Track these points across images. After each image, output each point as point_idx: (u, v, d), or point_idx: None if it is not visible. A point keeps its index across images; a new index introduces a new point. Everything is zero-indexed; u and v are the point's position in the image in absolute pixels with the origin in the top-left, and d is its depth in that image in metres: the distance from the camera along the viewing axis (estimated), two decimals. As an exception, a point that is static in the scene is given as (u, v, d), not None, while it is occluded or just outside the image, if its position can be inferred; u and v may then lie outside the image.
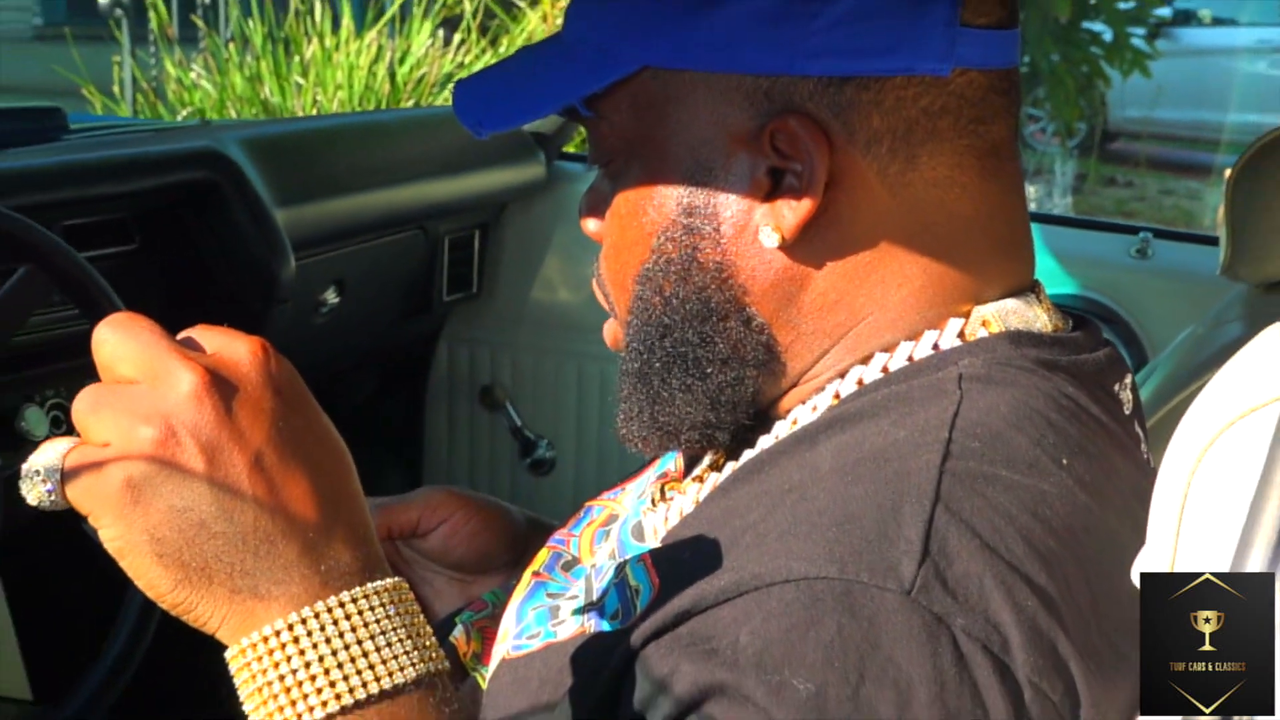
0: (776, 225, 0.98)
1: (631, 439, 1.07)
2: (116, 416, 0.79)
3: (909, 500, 0.89)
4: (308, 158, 2.39)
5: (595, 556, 1.14)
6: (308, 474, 0.82)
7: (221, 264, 2.15)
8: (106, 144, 2.19)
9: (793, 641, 0.85)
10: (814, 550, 0.88)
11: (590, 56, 1.03)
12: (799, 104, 0.97)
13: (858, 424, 0.98)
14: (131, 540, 0.79)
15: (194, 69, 6.35)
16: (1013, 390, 0.97)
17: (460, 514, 1.28)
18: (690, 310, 1.02)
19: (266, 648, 0.80)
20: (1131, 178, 10.26)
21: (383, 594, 0.82)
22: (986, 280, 1.03)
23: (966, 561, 0.87)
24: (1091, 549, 0.93)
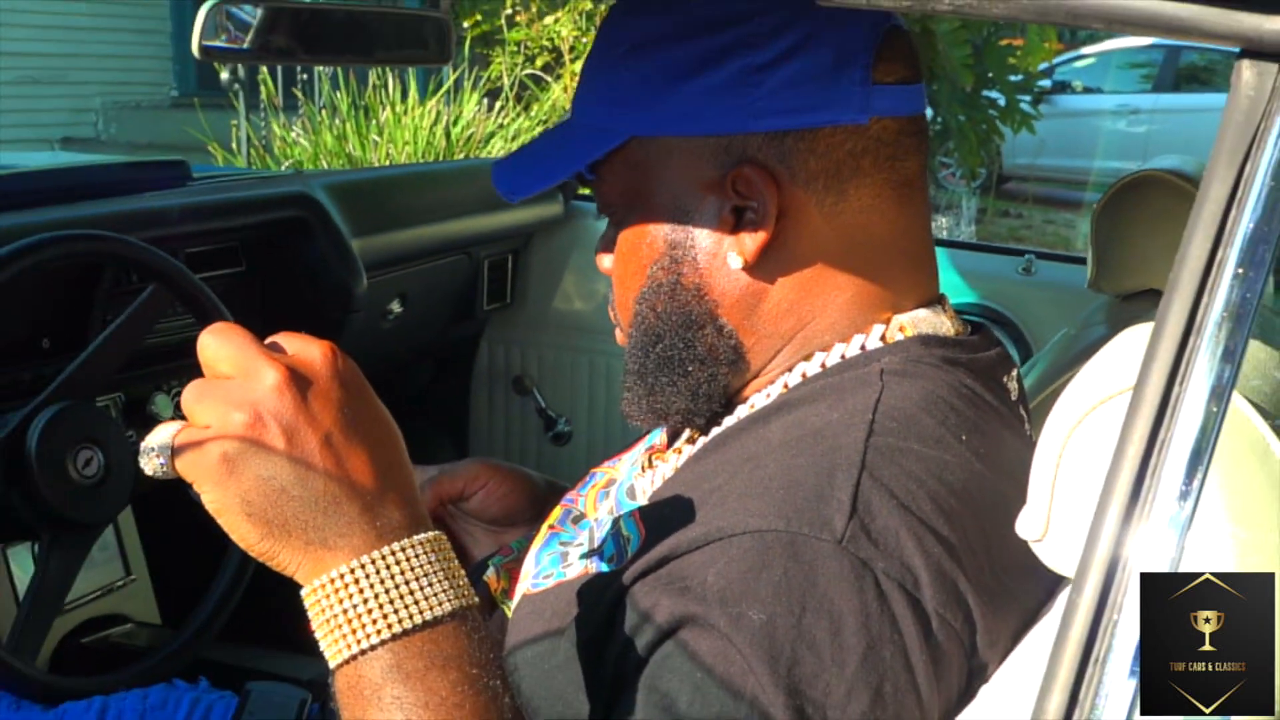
0: (740, 251, 0.99)
1: (632, 417, 1.09)
2: (215, 404, 0.80)
3: (840, 468, 0.90)
4: (378, 199, 2.38)
5: (598, 512, 1.14)
6: (367, 449, 0.82)
7: (309, 282, 2.15)
8: (221, 189, 2.18)
9: (748, 581, 0.85)
10: (766, 508, 0.88)
11: (591, 134, 1.04)
12: (752, 155, 0.98)
13: (800, 407, 0.98)
14: (227, 503, 0.80)
15: (294, 130, 6.34)
16: (922, 382, 0.98)
17: (494, 481, 1.29)
18: (676, 322, 1.03)
19: (334, 587, 0.79)
20: (1021, 211, 10.26)
21: (426, 544, 0.82)
22: (902, 293, 1.03)
23: (886, 517, 0.87)
24: (984, 506, 0.93)
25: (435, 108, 6.08)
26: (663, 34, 1.00)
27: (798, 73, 0.98)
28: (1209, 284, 0.71)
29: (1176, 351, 0.71)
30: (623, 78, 1.02)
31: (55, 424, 1.44)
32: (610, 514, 1.10)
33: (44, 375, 1.76)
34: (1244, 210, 0.70)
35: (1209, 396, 0.71)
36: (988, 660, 0.91)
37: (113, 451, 1.49)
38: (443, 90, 6.15)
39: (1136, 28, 0.72)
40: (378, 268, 2.23)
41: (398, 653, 0.80)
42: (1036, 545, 0.88)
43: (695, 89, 0.99)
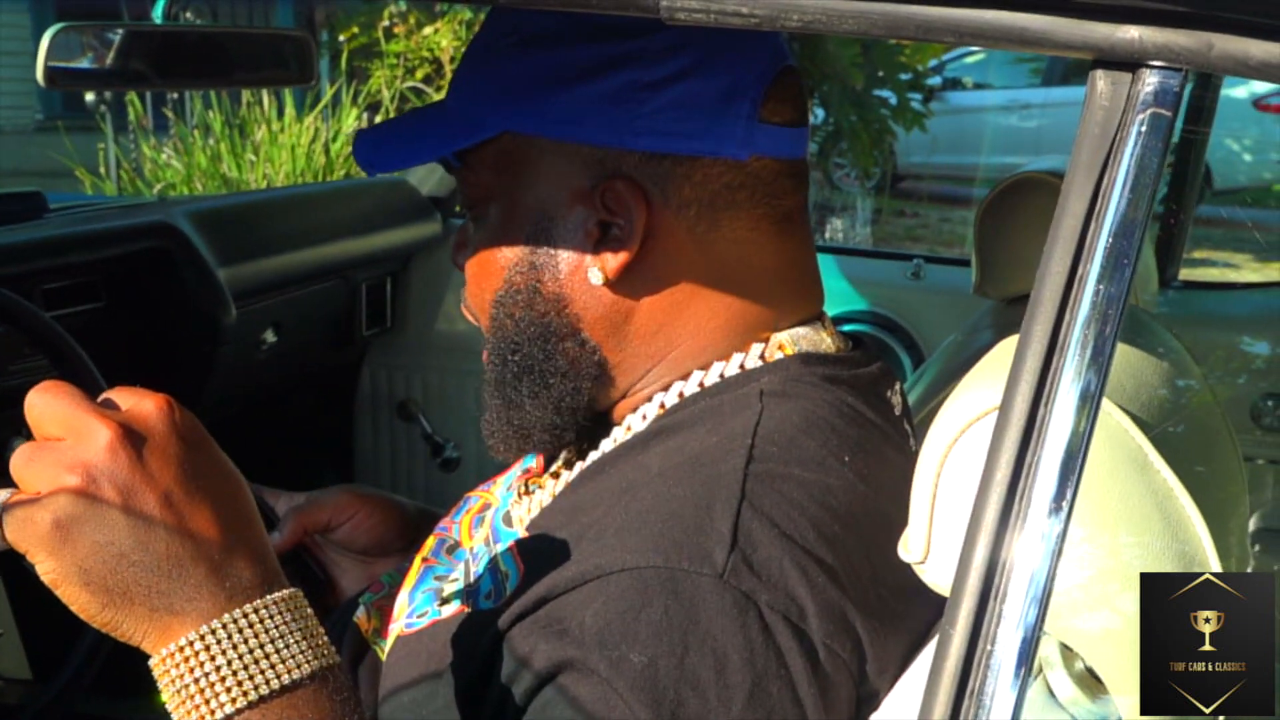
0: (602, 267, 0.98)
1: (495, 446, 1.06)
2: (45, 467, 0.76)
3: (720, 499, 0.89)
4: (246, 225, 2.34)
5: (473, 540, 1.13)
6: (211, 505, 0.79)
7: (174, 315, 2.11)
8: (78, 220, 2.13)
9: (628, 621, 0.84)
10: (643, 544, 0.87)
11: (464, 120, 1.02)
12: (626, 171, 0.97)
13: (679, 432, 0.97)
14: (63, 572, 0.76)
15: (165, 151, 6.24)
16: (803, 402, 0.97)
17: (362, 511, 1.25)
18: (534, 331, 1.01)
19: (182, 656, 0.76)
20: (917, 210, 10.38)
21: (280, 603, 0.79)
22: (782, 313, 1.03)
23: (768, 547, 0.86)
24: (869, 529, 0.92)
25: (313, 124, 6.02)
26: (557, 32, 0.99)
27: (684, 96, 0.97)
28: (1071, 299, 0.71)
29: (1041, 368, 0.71)
30: (507, 70, 1.00)
31: (-100, 478, 1.38)
32: (486, 543, 1.09)
33: (-110, 426, 1.71)
34: (1103, 223, 0.71)
35: (1076, 410, 0.71)
36: (878, 687, 0.91)
37: (-36, 504, 1.44)
38: (320, 106, 6.09)
39: (988, 40, 0.72)
40: (248, 297, 2.19)
41: (270, 711, 0.77)
42: (919, 567, 0.88)
43: (580, 94, 0.97)
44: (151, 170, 6.22)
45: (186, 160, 6.09)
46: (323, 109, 6.13)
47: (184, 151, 6.16)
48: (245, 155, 5.97)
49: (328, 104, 6.17)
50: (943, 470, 0.87)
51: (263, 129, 6.01)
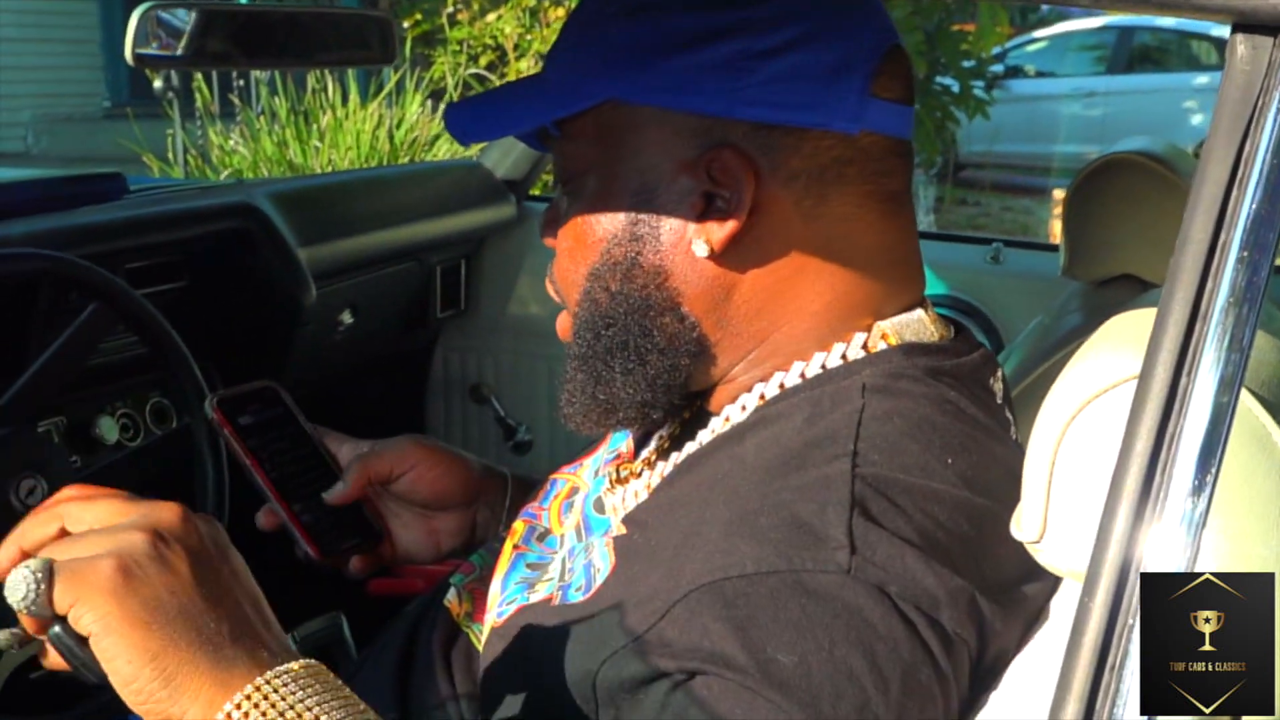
0: (707, 239, 0.96)
1: (572, 417, 1.05)
2: (104, 534, 0.80)
3: (831, 503, 0.87)
4: (325, 206, 2.34)
5: (563, 527, 1.11)
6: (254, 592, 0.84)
7: (255, 295, 2.11)
8: (160, 200, 2.14)
9: (765, 623, 0.83)
10: (760, 549, 0.86)
11: (564, 89, 1.00)
12: (734, 141, 0.95)
13: (775, 424, 0.96)
14: (121, 615, 0.76)
15: (232, 137, 6.29)
16: (905, 401, 0.95)
17: (424, 463, 1.24)
18: (633, 305, 0.99)
19: (250, 703, 0.77)
20: (978, 199, 10.31)
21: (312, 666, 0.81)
22: (885, 299, 1.01)
23: (886, 547, 0.86)
24: (972, 531, 0.91)
25: (377, 111, 6.05)
26: (664, 1, 0.97)
27: (795, 67, 0.95)
28: (1212, 269, 0.69)
29: (1182, 341, 0.69)
30: (612, 38, 0.99)
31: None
32: (578, 530, 1.08)
33: (-19, 402, 1.72)
34: (1245, 191, 0.69)
35: (1218, 387, 0.69)
36: (994, 669, 0.90)
37: (56, 480, 1.45)
38: (384, 92, 6.11)
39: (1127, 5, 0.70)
40: (326, 277, 2.19)
41: None
42: (1034, 546, 0.87)
43: (687, 62, 0.95)
44: (218, 156, 6.26)
45: (253, 146, 6.13)
46: (386, 96, 6.16)
47: (250, 138, 6.20)
48: (310, 141, 6.00)
49: (391, 91, 6.19)
50: (1059, 448, 0.85)
51: (328, 115, 6.04)
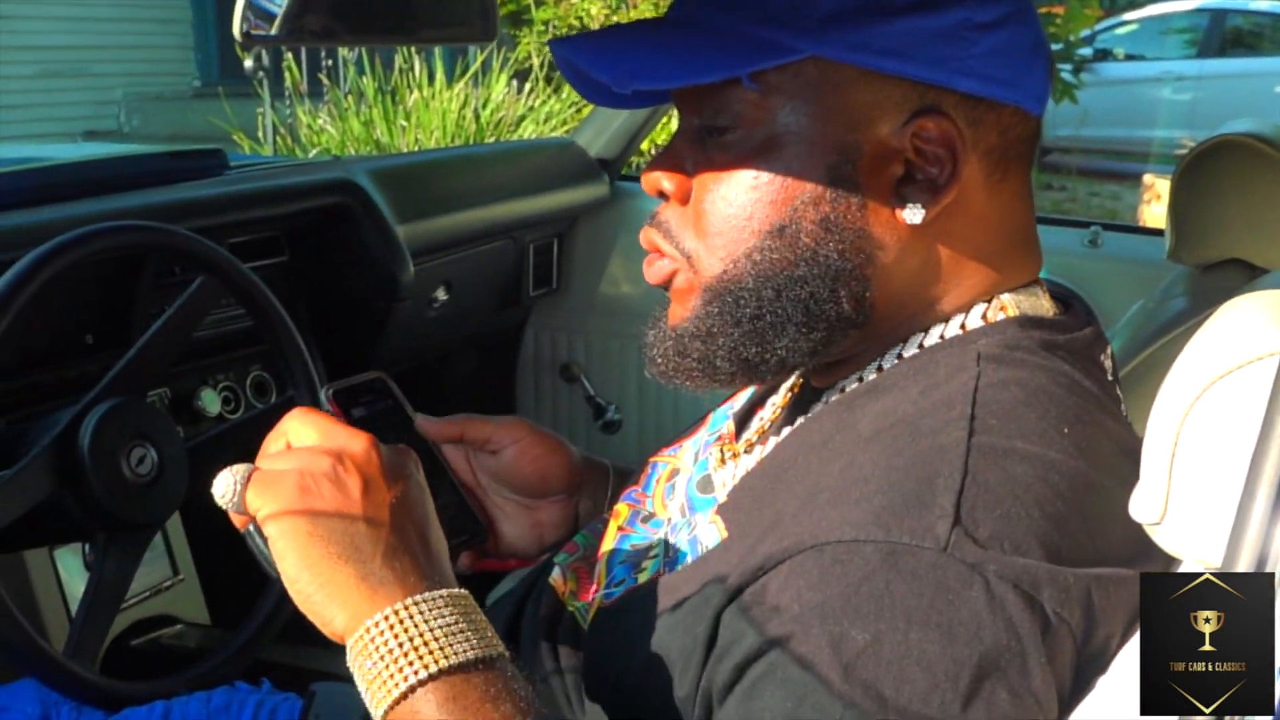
0: (912, 207, 0.95)
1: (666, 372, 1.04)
2: (297, 454, 0.91)
3: (943, 472, 0.86)
4: (422, 183, 2.35)
5: (668, 510, 1.10)
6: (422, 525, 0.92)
7: (354, 271, 2.13)
8: (260, 177, 2.16)
9: (848, 596, 0.82)
10: (861, 515, 0.85)
11: (758, 42, 0.94)
12: (946, 109, 0.94)
13: (890, 392, 0.95)
14: (294, 525, 0.87)
15: (321, 117, 6.34)
16: (1021, 370, 0.94)
17: (528, 439, 1.23)
18: (824, 269, 0.95)
19: (389, 623, 0.85)
20: (1064, 183, 10.17)
21: (461, 598, 0.89)
22: (1014, 273, 1.00)
23: (993, 522, 0.84)
24: (1088, 505, 0.89)
25: (463, 91, 6.08)
26: None
27: (1008, 42, 0.94)
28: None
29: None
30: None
31: (107, 421, 1.42)
32: (682, 511, 1.08)
33: (89, 372, 1.75)
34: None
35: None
36: (1102, 651, 0.88)
37: (165, 449, 1.47)
38: (470, 73, 6.14)
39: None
40: (422, 254, 2.21)
41: (455, 685, 0.84)
42: (1153, 528, 0.86)
43: (906, 27, 0.92)
44: (307, 135, 6.33)
45: (340, 126, 6.18)
46: (472, 76, 6.18)
47: (338, 117, 6.25)
48: (396, 121, 6.04)
49: (477, 71, 6.22)
50: (1183, 427, 0.84)
51: (414, 95, 6.08)
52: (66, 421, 1.41)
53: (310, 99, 6.59)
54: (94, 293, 1.77)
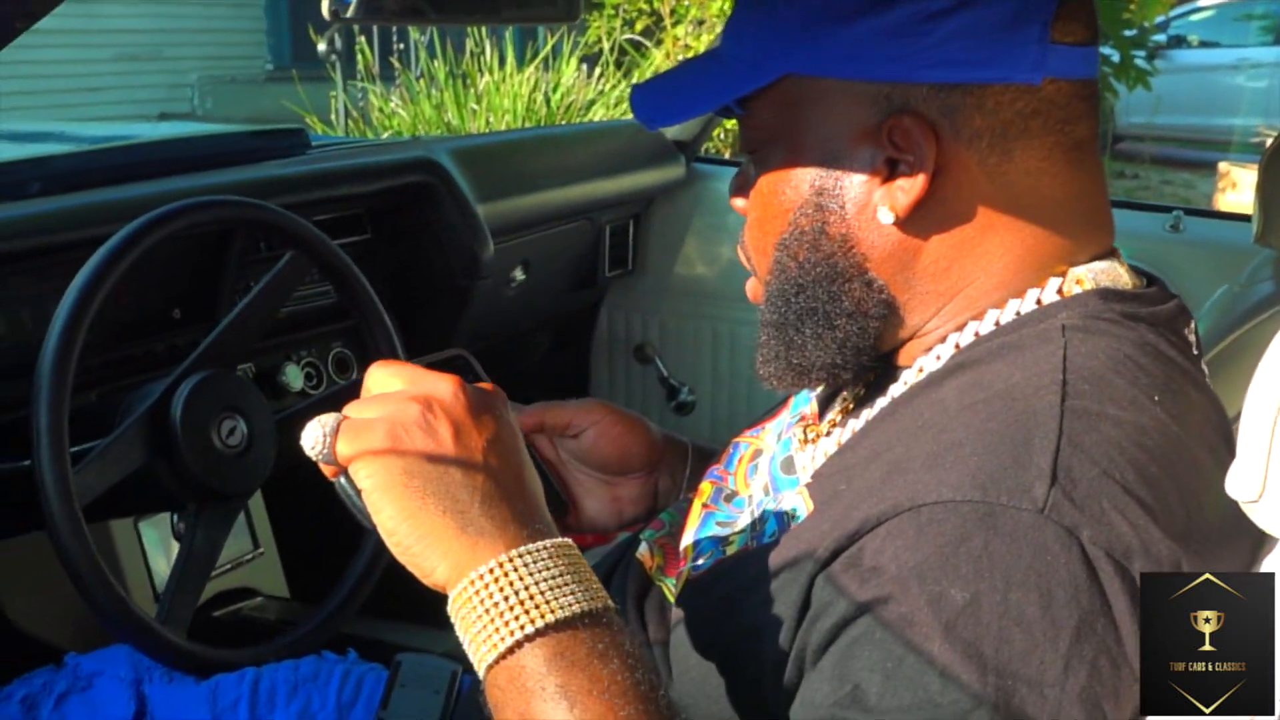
0: (892, 205, 0.96)
1: (768, 378, 1.06)
2: (385, 401, 0.89)
3: (1038, 434, 0.86)
4: (502, 163, 2.36)
5: (750, 488, 1.11)
6: (517, 467, 0.90)
7: (435, 249, 2.14)
8: (342, 155, 2.18)
9: (946, 556, 0.82)
10: (958, 477, 0.84)
11: (743, 67, 1.01)
12: (913, 105, 0.94)
13: (976, 368, 0.95)
14: (387, 476, 0.86)
15: (392, 100, 6.38)
16: (1106, 339, 0.94)
17: (607, 420, 1.24)
18: (820, 273, 0.99)
19: (493, 576, 0.83)
20: (1137, 171, 10.06)
21: (564, 548, 0.87)
22: (1077, 247, 0.99)
23: (1088, 484, 0.84)
24: (1182, 470, 0.89)
25: (533, 75, 6.09)
26: None
27: (972, 24, 0.93)
28: None
29: None
30: (783, 11, 0.98)
31: (199, 393, 1.44)
32: (765, 490, 1.08)
33: (177, 346, 1.78)
34: None
35: None
36: None
37: (255, 421, 1.49)
38: (540, 56, 6.15)
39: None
40: (501, 234, 2.21)
41: (562, 640, 0.82)
42: (1250, 505, 0.85)
43: (862, 30, 0.95)
44: (378, 118, 6.36)
45: (412, 109, 6.21)
46: (542, 60, 6.20)
47: (410, 100, 6.29)
48: (468, 104, 6.07)
49: (547, 55, 6.23)
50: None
51: (485, 79, 6.10)
52: (159, 393, 1.44)
53: (382, 82, 6.63)
54: (181, 269, 1.79)
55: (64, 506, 1.28)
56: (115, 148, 2.19)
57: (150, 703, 1.33)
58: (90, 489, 1.34)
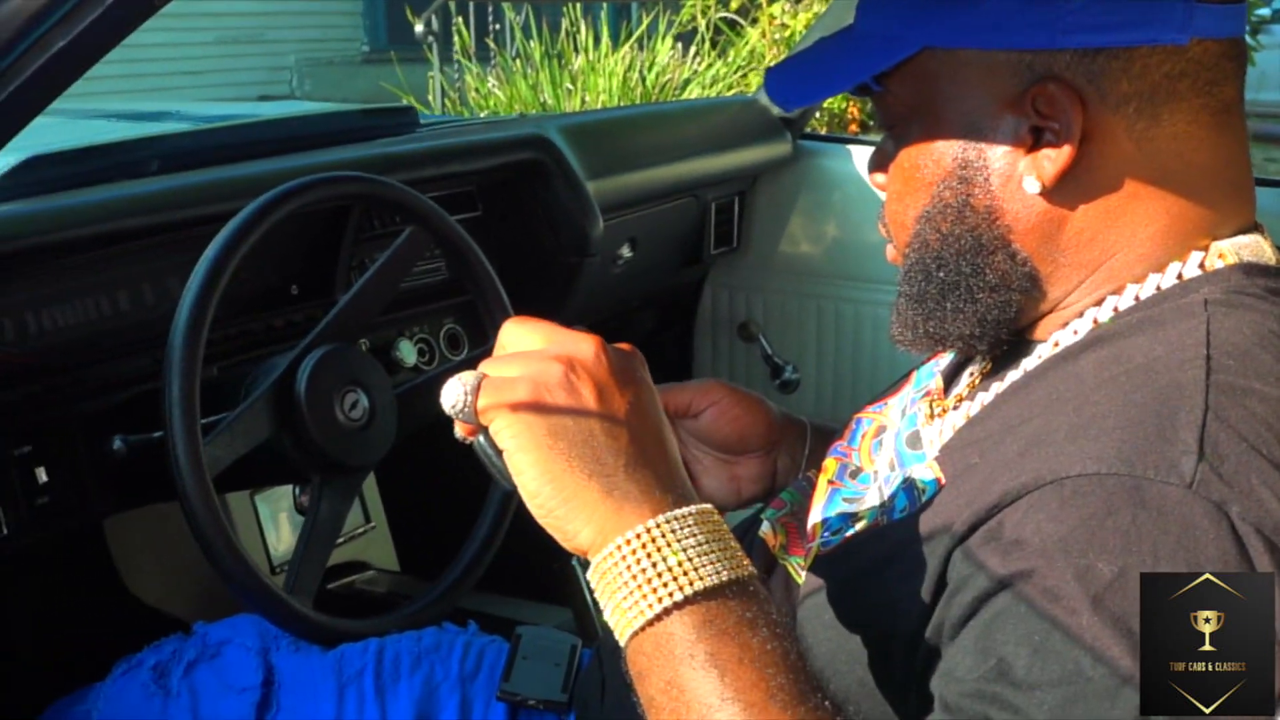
0: (1038, 175, 0.94)
1: (903, 341, 1.05)
2: (528, 357, 0.87)
3: (1183, 408, 0.84)
4: (610, 140, 2.36)
5: (875, 464, 1.10)
6: (659, 431, 0.88)
7: (545, 226, 2.14)
8: (452, 133, 2.19)
9: (1093, 528, 0.80)
10: (1103, 449, 0.83)
11: (879, 42, 1.00)
12: (1057, 72, 0.93)
13: (1115, 342, 0.93)
14: (531, 437, 0.84)
15: (489, 80, 6.40)
16: (1250, 314, 0.92)
17: (726, 400, 1.23)
18: (963, 245, 0.99)
19: (640, 542, 0.82)
20: (1239, 149, 9.84)
21: (707, 514, 0.85)
22: (1220, 219, 0.97)
23: (1236, 460, 0.82)
24: None
25: (628, 55, 6.09)
26: None
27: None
28: None
29: None
30: None
31: (322, 367, 1.46)
32: (891, 466, 1.07)
33: (294, 321, 1.80)
34: None
35: None
36: None
37: (376, 394, 1.51)
38: (635, 36, 6.15)
39: None
40: (610, 211, 2.21)
41: (711, 608, 0.82)
42: None
43: None
44: (474, 99, 6.40)
45: (509, 89, 6.24)
46: (637, 39, 6.19)
47: (506, 80, 6.31)
48: (563, 84, 6.08)
49: (642, 34, 6.23)
50: None
51: (580, 58, 6.11)
52: (284, 367, 1.46)
53: (478, 63, 6.66)
54: (298, 245, 1.82)
55: (196, 478, 1.30)
56: (230, 126, 2.21)
57: (278, 671, 1.34)
58: (219, 461, 1.37)
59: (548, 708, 1.29)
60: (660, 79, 6.08)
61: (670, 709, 0.81)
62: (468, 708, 1.32)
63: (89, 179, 1.73)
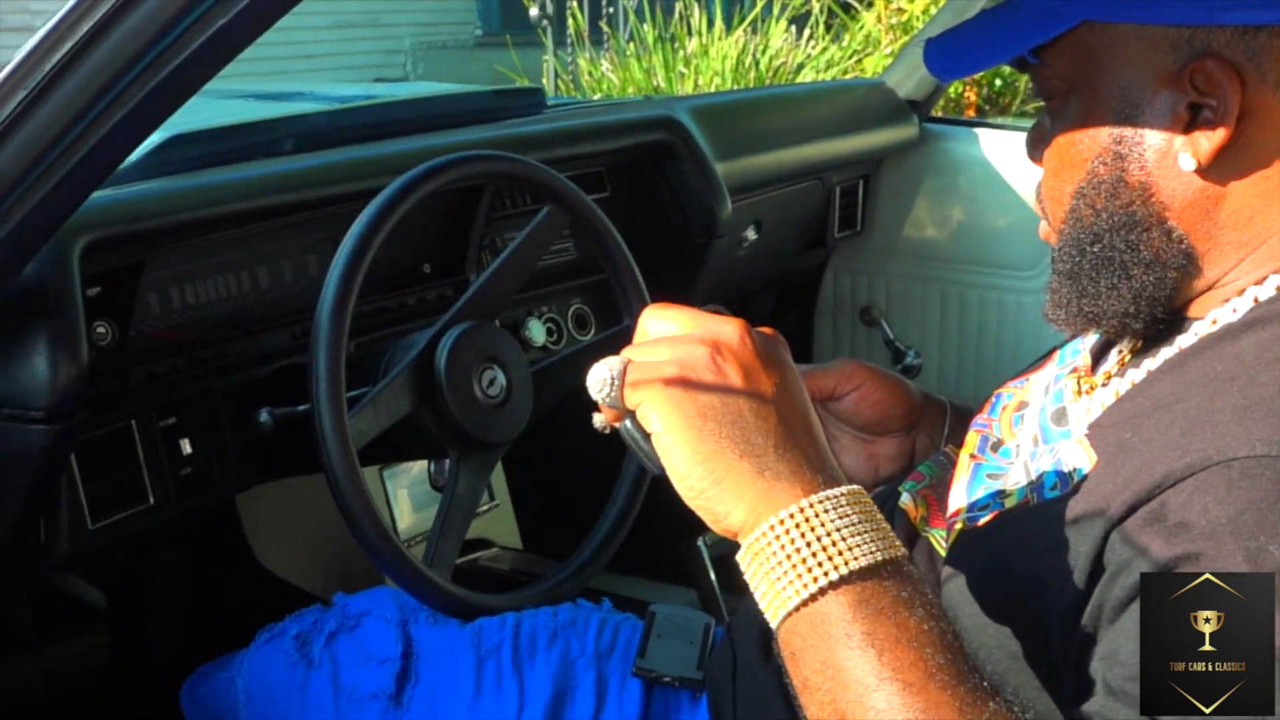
0: (1194, 152, 0.94)
1: (1057, 320, 1.05)
2: (671, 343, 0.87)
3: None
4: (738, 121, 2.35)
5: (1017, 437, 1.09)
6: (805, 412, 0.87)
7: (674, 207, 2.14)
8: (580, 114, 2.20)
9: (1264, 510, 0.79)
10: (1271, 431, 0.82)
11: (1038, 15, 0.99)
12: (1216, 49, 0.92)
13: (1274, 323, 0.92)
14: (679, 419, 0.84)
15: (602, 63, 6.42)
16: None
17: (869, 383, 1.22)
18: (1118, 221, 0.98)
19: (794, 521, 0.82)
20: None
21: (858, 494, 0.85)
22: None
23: None
24: None
25: (741, 38, 6.07)
26: None
27: None
28: None
29: None
30: None
31: (461, 344, 1.47)
32: (1035, 441, 1.06)
33: (427, 299, 1.82)
34: None
35: None
36: None
37: (513, 372, 1.52)
38: (749, 19, 6.12)
39: None
40: (736, 193, 2.20)
41: (866, 588, 0.81)
42: None
43: None
44: (588, 82, 6.42)
45: (622, 73, 6.25)
46: (750, 23, 6.17)
47: (619, 64, 6.32)
48: (676, 68, 6.08)
49: (755, 17, 6.20)
50: None
51: (693, 42, 6.10)
52: (424, 343, 1.47)
53: (592, 46, 6.67)
54: (431, 224, 1.83)
55: (342, 451, 1.32)
56: (363, 106, 2.24)
57: (416, 643, 1.36)
58: (363, 434, 1.38)
59: (683, 685, 1.30)
60: (774, 63, 6.05)
61: (826, 689, 0.81)
62: (603, 683, 1.33)
63: (228, 157, 1.76)
